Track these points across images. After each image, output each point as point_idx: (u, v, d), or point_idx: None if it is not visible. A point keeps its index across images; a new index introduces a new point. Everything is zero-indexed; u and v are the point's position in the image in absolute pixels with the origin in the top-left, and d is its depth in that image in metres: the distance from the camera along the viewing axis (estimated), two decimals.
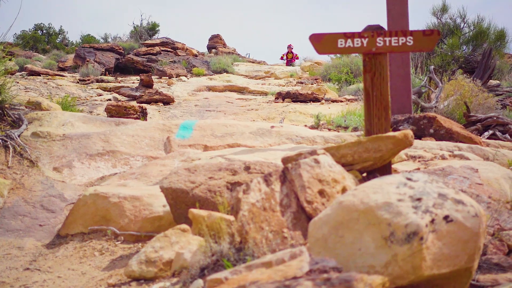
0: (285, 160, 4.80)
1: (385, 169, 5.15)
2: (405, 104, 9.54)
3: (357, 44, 5.78)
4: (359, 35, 5.79)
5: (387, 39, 5.76)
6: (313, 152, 4.49)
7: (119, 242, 5.70)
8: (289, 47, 40.55)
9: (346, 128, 10.30)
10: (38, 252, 6.09)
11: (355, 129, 9.85)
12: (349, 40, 5.80)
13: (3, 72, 9.36)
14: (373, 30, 5.80)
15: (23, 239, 6.43)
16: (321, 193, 4.21)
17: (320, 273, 3.04)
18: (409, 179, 3.47)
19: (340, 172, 4.44)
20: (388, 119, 5.75)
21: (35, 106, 10.65)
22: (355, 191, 3.45)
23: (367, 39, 5.77)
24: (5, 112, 8.97)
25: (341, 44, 5.82)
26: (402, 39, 5.76)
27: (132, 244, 5.61)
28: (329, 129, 10.44)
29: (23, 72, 24.50)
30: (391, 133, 4.84)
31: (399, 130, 8.28)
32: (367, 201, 3.28)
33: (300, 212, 4.12)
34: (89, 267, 5.32)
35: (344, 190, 4.35)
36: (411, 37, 5.76)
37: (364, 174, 5.09)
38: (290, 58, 39.82)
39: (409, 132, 4.87)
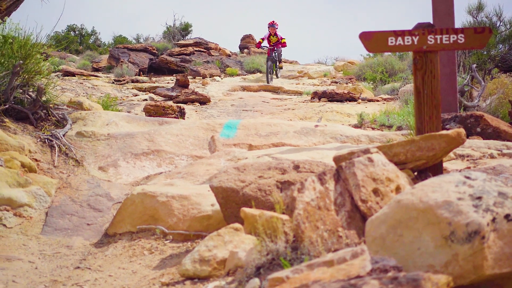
0: (337, 159, 4.78)
1: (436, 168, 5.11)
2: (451, 103, 9.50)
3: (408, 42, 5.74)
4: (410, 33, 5.75)
5: (438, 36, 5.71)
6: (366, 151, 4.46)
7: (168, 241, 5.70)
8: (272, 25, 27.20)
9: (389, 127, 10.24)
10: (87, 251, 6.12)
11: (399, 128, 9.79)
12: (399, 38, 5.76)
13: (46, 73, 9.43)
14: (424, 28, 5.75)
15: (71, 237, 6.46)
16: (375, 192, 4.18)
17: (380, 272, 3.02)
18: (467, 177, 3.43)
19: (394, 171, 4.41)
20: (439, 118, 5.71)
21: (77, 106, 10.74)
22: (414, 189, 3.42)
23: (417, 37, 5.72)
24: (49, 112, 9.04)
25: (392, 42, 5.78)
26: (453, 37, 5.71)
27: (181, 243, 5.61)
28: (373, 128, 10.39)
29: (58, 73, 24.66)
30: (443, 132, 4.80)
31: (445, 128, 8.22)
32: (426, 199, 3.25)
33: (354, 211, 4.10)
34: (139, 266, 5.33)
35: (398, 189, 4.32)
36: (462, 35, 5.70)
37: (415, 173, 5.05)
38: (274, 42, 26.92)
39: (461, 130, 4.83)
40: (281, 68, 28.80)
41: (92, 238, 6.44)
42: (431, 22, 6.08)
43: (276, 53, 27.15)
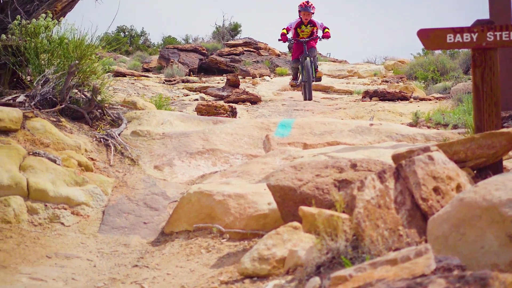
0: (396, 157, 4.77)
1: (496, 167, 5.06)
2: (508, 101, 9.37)
3: (467, 39, 5.70)
4: (468, 29, 5.71)
5: (498, 33, 5.66)
6: (426, 149, 4.43)
7: (225, 239, 5.72)
8: (305, 8, 17.72)
9: (445, 125, 10.16)
10: (144, 249, 6.16)
11: (455, 127, 9.71)
12: (458, 35, 5.72)
13: (101, 73, 9.53)
14: (483, 25, 5.70)
15: (128, 236, 6.52)
16: (436, 190, 4.15)
17: (444, 271, 3.00)
18: None
19: (454, 169, 4.37)
20: (498, 115, 5.67)
21: (131, 105, 10.84)
22: (476, 187, 3.39)
23: (476, 34, 5.68)
24: (104, 112, 9.13)
25: (450, 39, 5.74)
26: None
27: (237, 242, 5.62)
28: (428, 127, 10.32)
29: (109, 73, 24.86)
30: (505, 129, 4.76)
31: (503, 127, 8.13)
32: (489, 198, 3.22)
33: (414, 209, 4.07)
34: (196, 264, 5.35)
35: (458, 187, 4.28)
36: None
37: (475, 172, 5.01)
38: (307, 34, 17.86)
39: None
40: (319, 79, 18.36)
41: (149, 236, 6.49)
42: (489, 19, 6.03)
43: (311, 55, 17.68)
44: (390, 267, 3.03)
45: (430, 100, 17.07)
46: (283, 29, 17.95)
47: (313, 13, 17.91)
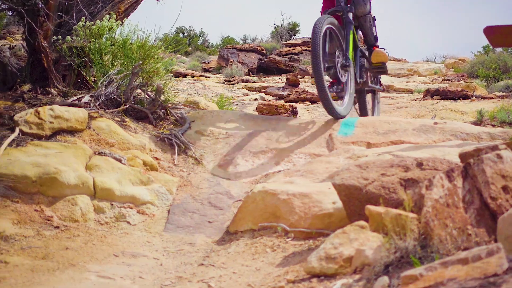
0: (463, 156, 4.72)
1: None
2: None
3: None
4: None
5: None
6: (494, 147, 4.39)
7: (289, 239, 5.70)
8: None
9: (510, 124, 10.04)
10: (209, 248, 6.19)
11: None
12: None
13: (164, 73, 9.62)
14: None
15: (193, 235, 6.55)
16: (505, 189, 4.10)
17: None
18: None
19: None
20: None
21: (194, 105, 10.93)
22: None
23: None
24: (168, 111, 9.20)
25: None
26: None
27: (302, 241, 5.60)
28: (493, 125, 10.23)
29: (169, 74, 25.09)
30: None
31: None
32: None
33: (483, 208, 4.03)
34: (262, 263, 5.34)
35: None
36: None
37: None
38: None
39: None
40: (381, 68, 11.03)
41: (213, 235, 6.52)
42: None
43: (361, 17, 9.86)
44: (461, 266, 3.01)
45: (492, 98, 16.91)
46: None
47: None
